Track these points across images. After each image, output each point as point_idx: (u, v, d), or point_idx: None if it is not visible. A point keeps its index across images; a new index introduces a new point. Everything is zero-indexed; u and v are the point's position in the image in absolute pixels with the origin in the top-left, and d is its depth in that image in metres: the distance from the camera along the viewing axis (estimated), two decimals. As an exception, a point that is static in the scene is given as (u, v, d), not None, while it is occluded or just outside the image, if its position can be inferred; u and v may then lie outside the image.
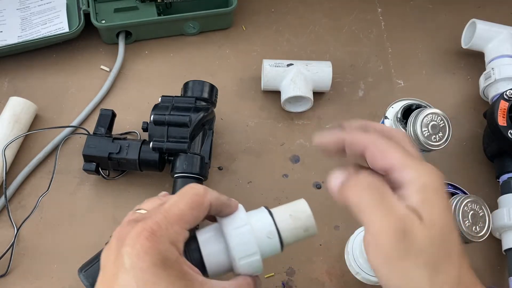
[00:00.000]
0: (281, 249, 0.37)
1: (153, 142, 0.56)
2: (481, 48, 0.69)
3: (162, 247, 0.30)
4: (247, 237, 0.35)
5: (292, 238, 0.37)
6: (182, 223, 0.32)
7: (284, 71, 0.64)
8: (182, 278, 0.30)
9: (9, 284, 0.55)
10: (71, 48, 0.72)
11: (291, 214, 0.38)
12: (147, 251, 0.29)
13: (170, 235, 0.31)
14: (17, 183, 0.60)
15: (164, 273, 0.29)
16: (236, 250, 0.35)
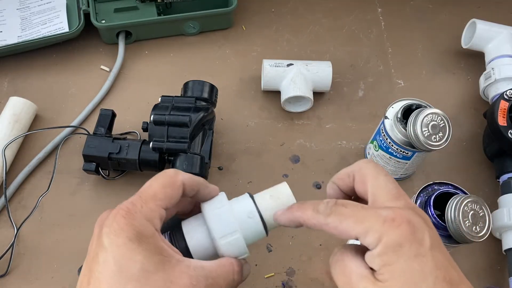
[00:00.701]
0: (265, 230, 0.37)
1: (153, 142, 0.56)
2: (481, 48, 0.69)
3: (137, 223, 0.31)
4: (225, 216, 0.36)
5: (273, 209, 0.37)
6: (156, 201, 0.33)
7: (284, 71, 0.64)
8: (158, 254, 0.31)
9: (9, 284, 0.55)
10: (71, 48, 0.72)
11: (271, 195, 0.38)
12: (123, 228, 0.30)
13: (144, 212, 0.32)
14: (17, 183, 0.60)
15: (139, 247, 0.30)
16: (215, 230, 0.35)
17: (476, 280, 0.57)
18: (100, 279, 0.30)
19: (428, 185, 0.52)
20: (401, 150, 0.56)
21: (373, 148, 0.61)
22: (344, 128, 0.67)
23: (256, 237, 0.37)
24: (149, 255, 0.30)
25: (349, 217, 0.31)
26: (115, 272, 0.29)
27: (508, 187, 0.58)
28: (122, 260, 0.30)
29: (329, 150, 0.65)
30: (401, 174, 0.61)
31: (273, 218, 0.36)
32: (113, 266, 0.30)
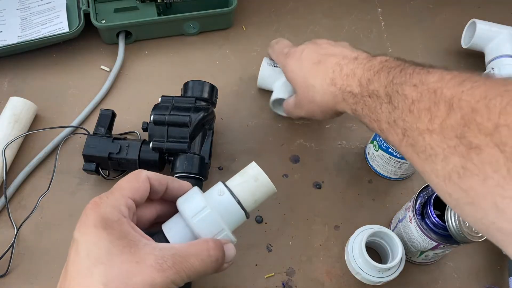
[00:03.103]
0: (240, 206, 0.37)
1: (153, 142, 0.56)
2: (481, 48, 0.69)
3: (102, 210, 0.33)
4: (195, 199, 0.37)
5: (246, 193, 0.38)
6: (121, 191, 0.35)
7: (280, 72, 0.64)
8: (124, 238, 0.32)
9: (9, 284, 0.55)
10: (71, 48, 0.72)
11: (240, 173, 0.39)
12: (89, 217, 0.33)
13: (110, 201, 0.34)
14: (17, 183, 0.60)
15: (104, 232, 0.32)
16: (186, 212, 0.36)
17: (476, 280, 0.57)
18: (71, 268, 0.31)
19: (428, 185, 0.52)
20: (401, 150, 0.56)
21: (373, 148, 0.61)
22: (344, 128, 0.67)
23: (233, 214, 0.37)
24: (113, 240, 0.31)
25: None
26: (84, 258, 0.31)
27: (508, 187, 0.58)
28: (90, 245, 0.31)
29: (329, 150, 0.65)
30: (401, 174, 0.61)
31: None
32: (82, 253, 0.31)
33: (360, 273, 0.52)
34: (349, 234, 0.55)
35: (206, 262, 0.34)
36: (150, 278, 0.31)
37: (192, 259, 0.33)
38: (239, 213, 0.38)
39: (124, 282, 0.30)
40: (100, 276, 0.30)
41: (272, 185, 0.39)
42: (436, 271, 0.57)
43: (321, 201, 0.61)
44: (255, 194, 0.38)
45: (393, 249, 0.53)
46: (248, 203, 0.38)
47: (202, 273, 0.34)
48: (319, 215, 0.60)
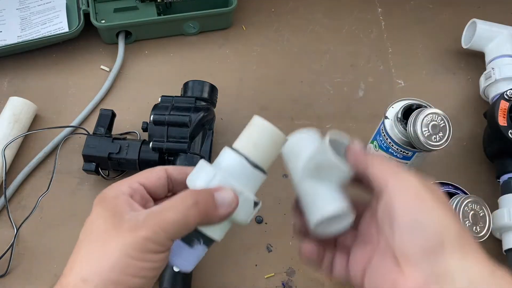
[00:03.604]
0: (246, 160, 0.34)
1: (153, 142, 0.56)
2: (482, 48, 0.69)
3: (104, 193, 0.34)
4: (198, 166, 0.35)
5: (252, 149, 0.34)
6: (129, 179, 0.35)
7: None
8: (111, 210, 0.32)
9: (9, 284, 0.55)
10: (71, 48, 0.72)
11: (244, 130, 0.36)
12: (95, 201, 0.34)
13: (114, 185, 0.35)
14: (17, 183, 0.60)
15: (99, 207, 0.33)
16: (189, 181, 0.34)
17: (476, 280, 0.57)
18: (75, 250, 0.33)
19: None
20: (401, 150, 0.56)
21: (373, 148, 0.61)
22: (344, 128, 0.67)
23: (241, 171, 0.33)
24: (104, 212, 0.33)
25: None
26: (84, 236, 0.33)
27: (508, 187, 0.58)
28: (88, 222, 0.33)
29: (329, 150, 0.65)
30: (401, 174, 0.61)
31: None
32: (83, 233, 0.33)
33: (360, 273, 0.51)
34: (349, 234, 0.55)
35: (182, 210, 0.31)
36: (121, 239, 0.31)
37: (165, 212, 0.32)
38: (251, 172, 0.34)
39: (101, 250, 0.31)
40: (82, 248, 0.32)
41: (278, 131, 0.35)
42: (436, 271, 0.57)
43: (321, 201, 0.61)
44: (263, 147, 0.35)
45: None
46: (259, 158, 0.34)
47: (184, 221, 0.32)
48: (319, 215, 0.60)
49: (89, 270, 0.30)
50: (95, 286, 0.30)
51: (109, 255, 0.30)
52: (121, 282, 0.30)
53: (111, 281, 0.30)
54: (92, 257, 0.31)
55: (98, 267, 0.30)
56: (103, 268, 0.30)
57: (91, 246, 0.31)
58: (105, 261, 0.30)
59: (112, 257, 0.30)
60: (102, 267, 0.30)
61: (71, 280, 0.31)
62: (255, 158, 0.34)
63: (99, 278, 0.30)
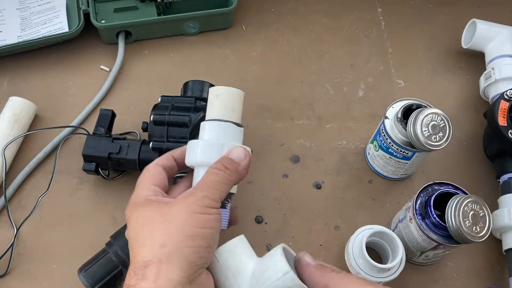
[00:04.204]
0: (224, 121, 0.42)
1: (153, 142, 0.56)
2: (481, 48, 0.69)
3: (131, 201, 0.40)
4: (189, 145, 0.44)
5: (220, 110, 0.43)
6: (140, 185, 0.42)
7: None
8: (153, 203, 0.38)
9: (9, 284, 0.55)
10: (71, 48, 0.72)
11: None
12: (127, 208, 0.40)
13: (135, 193, 0.41)
14: (17, 183, 0.60)
15: (139, 210, 0.38)
16: (189, 158, 0.43)
17: (476, 280, 0.57)
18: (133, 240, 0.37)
19: (428, 185, 0.52)
20: (401, 150, 0.56)
21: (373, 148, 0.61)
22: (344, 128, 0.67)
23: (223, 131, 0.42)
24: (147, 207, 0.38)
25: None
26: (133, 238, 0.37)
27: (508, 187, 0.58)
28: (131, 227, 0.38)
29: (329, 150, 0.65)
30: (401, 174, 0.61)
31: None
32: (130, 235, 0.38)
33: (360, 273, 0.52)
34: (349, 234, 0.55)
35: (220, 173, 0.39)
36: (183, 204, 0.36)
37: (207, 178, 0.39)
38: (227, 127, 0.42)
39: (164, 220, 0.36)
40: (144, 232, 0.36)
41: (233, 89, 0.44)
42: (437, 272, 0.57)
43: (321, 201, 0.61)
44: (226, 105, 0.43)
45: (393, 249, 0.53)
46: (227, 115, 0.43)
47: (227, 180, 0.39)
48: (319, 215, 0.60)
49: (162, 237, 0.35)
50: (176, 244, 0.34)
51: (176, 218, 0.35)
52: (195, 234, 0.35)
53: (188, 235, 0.35)
54: (160, 228, 0.35)
55: (170, 230, 0.35)
56: (175, 229, 0.35)
57: (154, 225, 0.36)
58: (174, 225, 0.35)
59: (180, 217, 0.35)
60: (175, 229, 0.35)
61: (148, 253, 0.34)
62: (236, 119, 0.43)
63: (177, 237, 0.34)
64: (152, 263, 0.33)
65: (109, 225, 0.58)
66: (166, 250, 0.34)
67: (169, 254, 0.34)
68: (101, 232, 0.56)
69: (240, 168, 0.41)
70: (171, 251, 0.34)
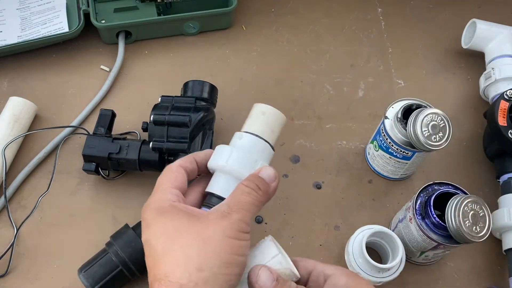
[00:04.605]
0: (262, 139, 0.41)
1: (153, 142, 0.56)
2: (481, 48, 0.69)
3: (153, 205, 0.37)
4: (220, 148, 0.41)
5: (261, 127, 0.42)
6: (161, 186, 0.39)
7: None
8: (182, 214, 0.36)
9: (9, 284, 0.55)
10: (71, 48, 0.72)
11: (247, 118, 0.44)
12: (145, 217, 0.37)
13: (156, 197, 0.38)
14: (17, 183, 0.60)
15: (162, 218, 0.36)
16: (218, 161, 0.40)
17: (476, 280, 0.57)
18: (152, 265, 0.35)
19: (428, 185, 0.52)
20: (401, 150, 0.56)
21: (373, 148, 0.61)
22: (344, 128, 0.67)
23: (259, 148, 0.41)
24: (175, 218, 0.36)
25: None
26: (159, 249, 0.35)
27: (508, 187, 0.58)
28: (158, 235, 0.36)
29: (329, 150, 0.65)
30: (401, 174, 0.61)
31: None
32: (155, 245, 0.36)
33: (360, 273, 0.52)
34: (349, 234, 0.55)
35: (253, 193, 0.37)
36: (218, 226, 0.34)
37: (241, 197, 0.37)
38: (263, 145, 0.41)
39: (199, 240, 0.34)
40: (176, 248, 0.34)
41: (279, 112, 0.43)
42: (436, 271, 0.57)
43: (321, 201, 0.61)
44: (268, 125, 0.42)
45: (393, 249, 0.53)
46: (267, 135, 0.42)
47: (258, 203, 0.37)
48: (319, 215, 0.60)
49: (198, 259, 0.33)
50: (212, 270, 0.33)
51: (212, 241, 0.34)
52: (231, 261, 0.34)
53: (224, 262, 0.34)
54: (195, 249, 0.34)
55: (206, 253, 0.33)
56: (212, 253, 0.34)
57: (186, 241, 0.34)
58: (210, 248, 0.34)
59: (216, 241, 0.34)
60: (211, 252, 0.34)
61: (183, 275, 0.33)
62: (272, 141, 0.42)
63: (213, 262, 0.33)
64: (188, 287, 0.33)
65: (109, 225, 0.58)
66: (203, 275, 0.33)
67: (206, 280, 0.33)
68: (101, 232, 0.57)
69: (270, 190, 0.39)
70: (207, 277, 0.33)
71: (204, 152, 0.43)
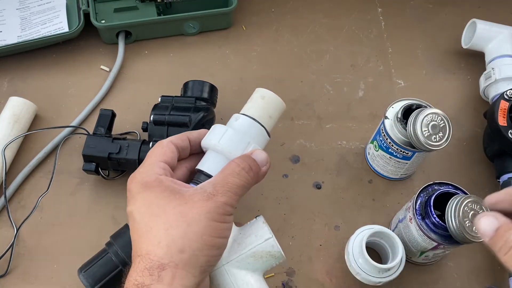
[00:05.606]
0: (258, 123, 0.41)
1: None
2: (481, 48, 0.69)
3: (139, 177, 0.37)
4: (215, 127, 0.40)
5: (259, 111, 0.41)
6: (150, 159, 0.38)
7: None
8: (167, 190, 0.36)
9: (9, 284, 0.55)
10: (71, 48, 0.72)
11: (248, 101, 0.43)
12: (131, 189, 0.37)
13: (143, 169, 0.37)
14: (17, 183, 0.60)
15: (147, 192, 0.36)
16: (212, 140, 0.39)
17: (476, 280, 0.57)
18: (134, 236, 0.36)
19: (428, 185, 0.52)
20: (401, 150, 0.56)
21: (373, 148, 0.61)
22: (344, 128, 0.67)
23: (254, 132, 0.40)
24: (159, 194, 0.35)
25: None
26: (140, 221, 0.35)
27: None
28: (140, 208, 0.36)
29: (329, 150, 0.65)
30: (401, 174, 0.61)
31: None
32: (136, 218, 0.36)
33: (360, 273, 0.52)
34: (349, 234, 0.55)
35: (243, 174, 0.37)
36: (203, 208, 0.34)
37: (229, 178, 0.36)
38: (259, 129, 0.41)
39: (182, 221, 0.34)
40: (159, 227, 0.34)
41: (279, 98, 0.42)
42: (437, 271, 0.57)
43: (321, 201, 0.61)
44: (267, 110, 0.41)
45: (393, 249, 0.53)
46: (264, 120, 0.41)
47: (246, 184, 0.37)
48: (319, 215, 0.60)
49: (181, 240, 0.33)
50: (193, 252, 0.33)
51: (196, 223, 0.34)
52: (213, 244, 0.34)
53: (206, 244, 0.34)
54: (178, 229, 0.34)
55: (189, 235, 0.34)
56: (195, 235, 0.34)
57: (168, 222, 0.34)
58: (193, 229, 0.34)
59: (200, 224, 0.34)
60: (194, 234, 0.34)
61: (165, 255, 0.33)
62: (268, 127, 0.42)
63: (195, 245, 0.33)
64: (169, 267, 0.33)
65: (109, 225, 0.58)
66: (184, 256, 0.33)
67: (186, 261, 0.33)
68: (101, 232, 0.57)
69: (260, 172, 0.39)
70: (188, 258, 0.33)
71: (198, 131, 0.42)
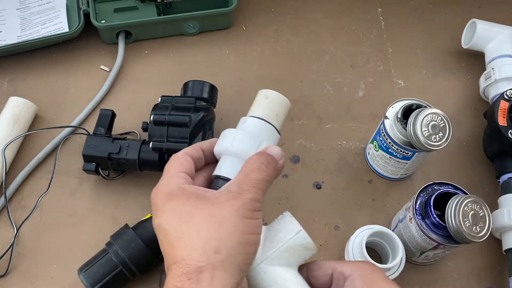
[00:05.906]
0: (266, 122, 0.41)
1: (153, 142, 0.56)
2: (481, 48, 0.69)
3: (161, 190, 0.37)
4: (225, 132, 0.40)
5: (265, 111, 0.41)
6: (168, 172, 0.39)
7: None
8: (192, 196, 0.36)
9: (9, 284, 0.55)
10: (71, 48, 0.72)
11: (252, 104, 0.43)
12: (155, 202, 0.37)
13: (164, 181, 0.38)
14: (17, 183, 0.60)
15: (173, 202, 0.36)
16: (224, 144, 0.39)
17: (476, 280, 0.57)
18: (167, 248, 0.35)
19: (428, 185, 0.52)
20: (401, 150, 0.56)
21: (373, 148, 0.61)
22: (344, 128, 0.67)
23: (264, 130, 0.41)
24: (185, 201, 0.35)
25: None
26: (171, 231, 0.35)
27: (508, 187, 0.58)
28: (169, 219, 0.35)
29: (329, 150, 0.65)
30: (401, 174, 0.61)
31: None
32: (167, 229, 0.35)
33: (360, 273, 0.51)
34: (349, 234, 0.55)
35: (263, 168, 0.37)
36: (231, 207, 0.34)
37: (251, 175, 0.36)
38: (269, 128, 0.41)
39: (213, 222, 0.34)
40: (190, 232, 0.34)
41: (283, 97, 0.42)
42: (436, 271, 0.57)
43: (321, 201, 0.61)
44: (273, 109, 0.42)
45: (393, 249, 0.53)
46: (271, 118, 0.41)
47: (268, 178, 0.37)
48: (319, 215, 0.60)
49: (214, 241, 0.33)
50: (229, 251, 0.33)
51: (227, 222, 0.34)
52: (247, 241, 0.34)
53: (239, 242, 0.34)
54: (210, 231, 0.34)
55: (222, 235, 0.33)
56: (227, 234, 0.33)
57: (199, 225, 0.34)
58: (225, 229, 0.34)
59: (231, 222, 0.34)
60: (227, 234, 0.33)
61: (201, 258, 0.33)
62: (277, 125, 0.42)
63: (229, 244, 0.33)
64: (206, 269, 0.33)
65: (109, 225, 0.58)
66: (220, 257, 0.33)
67: (223, 261, 0.33)
68: (101, 232, 0.57)
69: (278, 166, 0.39)
70: (225, 258, 0.33)
71: (210, 140, 0.42)
